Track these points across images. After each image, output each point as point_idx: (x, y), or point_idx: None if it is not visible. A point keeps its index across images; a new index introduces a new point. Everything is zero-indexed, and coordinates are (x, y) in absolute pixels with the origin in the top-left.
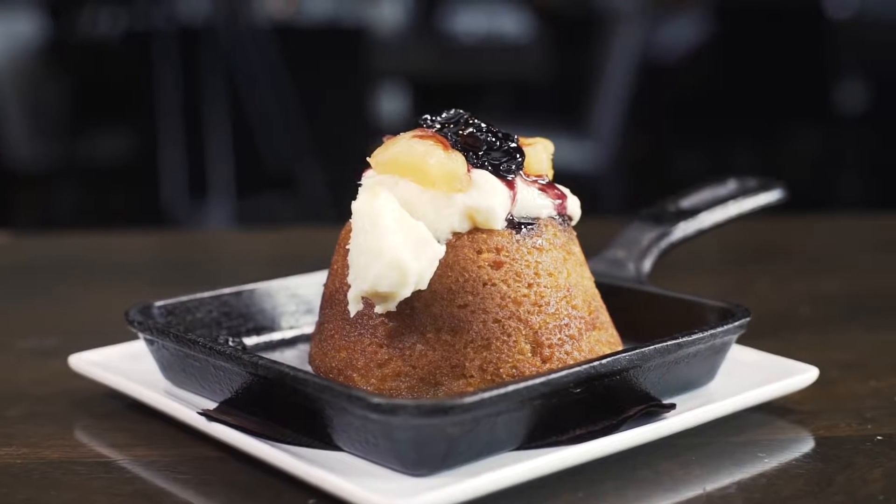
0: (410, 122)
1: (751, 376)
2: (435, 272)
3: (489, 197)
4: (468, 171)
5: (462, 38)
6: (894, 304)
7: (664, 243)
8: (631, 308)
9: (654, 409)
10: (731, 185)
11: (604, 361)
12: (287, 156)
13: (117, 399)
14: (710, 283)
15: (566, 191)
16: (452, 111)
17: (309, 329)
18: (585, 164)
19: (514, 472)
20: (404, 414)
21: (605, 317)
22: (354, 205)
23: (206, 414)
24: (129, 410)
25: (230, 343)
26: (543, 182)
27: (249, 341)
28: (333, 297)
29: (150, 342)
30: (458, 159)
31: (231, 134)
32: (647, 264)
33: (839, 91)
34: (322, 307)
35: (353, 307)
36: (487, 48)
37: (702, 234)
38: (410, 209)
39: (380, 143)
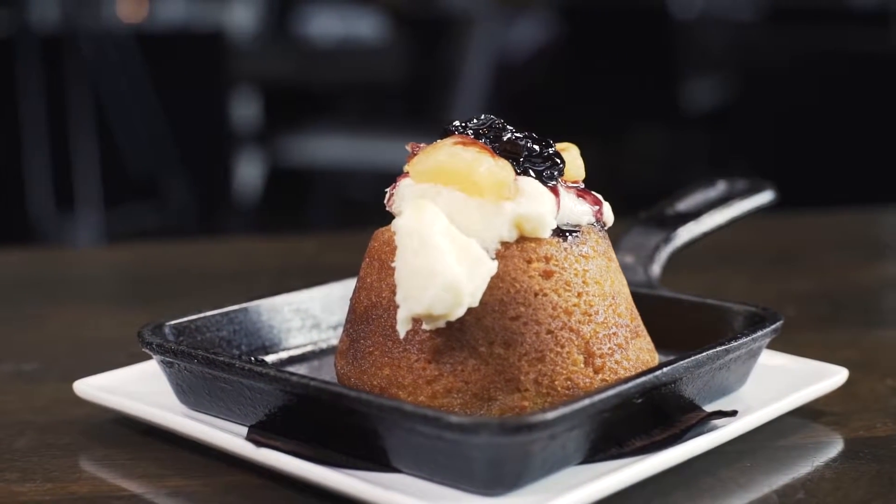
0: (441, 128)
1: (780, 379)
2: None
3: (539, 205)
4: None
5: (317, 41)
6: (873, 301)
7: (670, 247)
8: (652, 314)
9: (717, 416)
10: (720, 187)
11: (666, 370)
12: (151, 163)
13: (125, 425)
14: (691, 285)
15: (600, 196)
16: (483, 116)
17: (320, 345)
18: None
19: (596, 489)
20: (486, 433)
21: (641, 324)
22: (399, 221)
23: (255, 439)
24: (143, 437)
25: (253, 362)
26: (580, 188)
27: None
28: (369, 313)
29: (168, 364)
30: (506, 167)
31: (97, 143)
32: (657, 269)
33: (685, 90)
34: (352, 322)
35: (403, 328)
36: (343, 52)
37: (706, 236)
38: (456, 219)
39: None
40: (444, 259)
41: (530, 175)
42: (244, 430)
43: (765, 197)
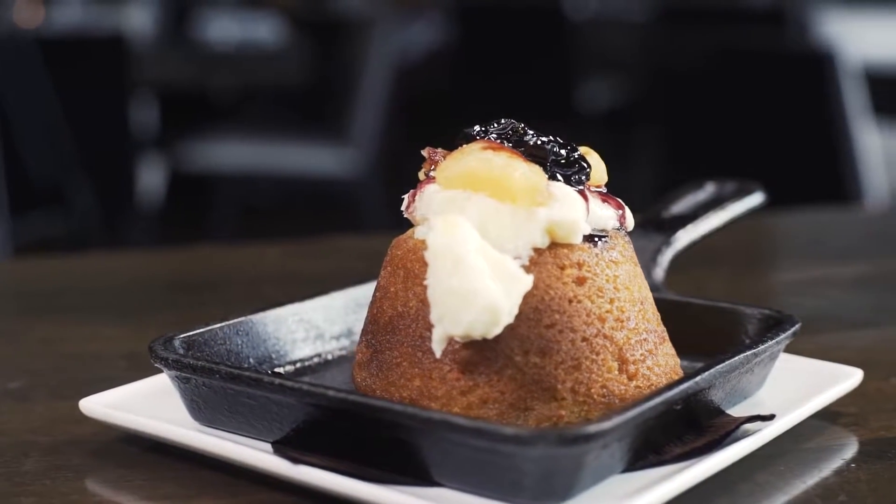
0: (459, 135)
1: (796, 381)
2: None
3: (571, 210)
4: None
5: (216, 46)
6: (852, 300)
7: (671, 250)
8: (662, 318)
9: (754, 420)
10: (709, 188)
11: (705, 375)
12: (55, 170)
13: (132, 444)
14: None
15: (621, 200)
16: (503, 120)
17: (326, 356)
18: (345, 171)
19: (653, 497)
20: (544, 444)
21: (665, 329)
22: (431, 239)
23: (292, 456)
24: (153, 455)
25: (270, 374)
26: (603, 192)
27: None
28: (395, 323)
29: (184, 380)
30: (539, 171)
31: (1, 150)
32: (660, 272)
33: (580, 90)
34: (374, 333)
35: (439, 347)
36: (242, 56)
37: (705, 238)
38: (488, 226)
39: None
40: (481, 279)
41: (558, 180)
42: (266, 447)
43: (756, 198)
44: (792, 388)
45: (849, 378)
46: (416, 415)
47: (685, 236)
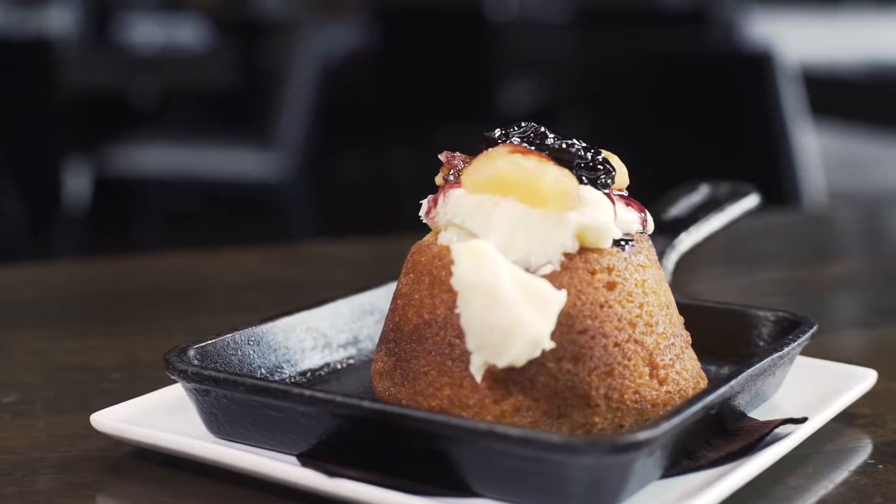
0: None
1: (811, 383)
2: None
3: (601, 214)
4: None
5: (139, 49)
6: (838, 299)
7: (675, 253)
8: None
9: (788, 423)
10: (704, 190)
11: (739, 379)
12: None
13: (145, 458)
14: None
15: (640, 204)
16: (524, 124)
17: (335, 365)
18: (271, 174)
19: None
20: (596, 452)
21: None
22: (459, 272)
23: (329, 470)
24: (171, 470)
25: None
26: (626, 195)
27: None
28: (421, 331)
29: (203, 392)
30: (569, 175)
31: None
32: (667, 276)
33: (502, 92)
34: (397, 341)
35: (479, 374)
36: (166, 59)
37: (706, 241)
38: (517, 231)
39: None
40: (520, 312)
41: (584, 183)
42: (292, 459)
43: (752, 200)
44: (807, 389)
45: (864, 379)
46: (462, 426)
47: (688, 239)
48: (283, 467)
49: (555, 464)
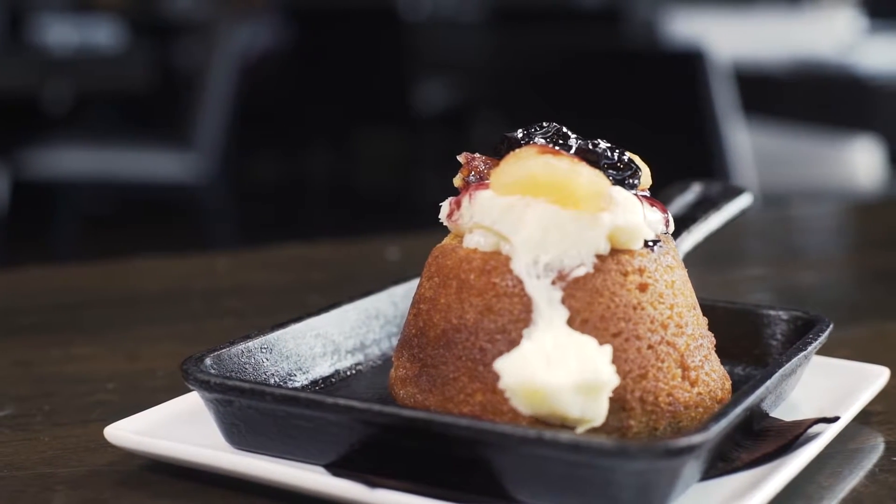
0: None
1: (827, 382)
2: (584, 300)
3: (633, 215)
4: None
5: (54, 50)
6: (831, 297)
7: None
8: None
9: (821, 422)
10: (696, 189)
11: (773, 379)
12: None
13: (160, 471)
14: None
15: (662, 204)
16: (545, 124)
17: (346, 372)
18: (189, 175)
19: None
20: (648, 457)
21: None
22: (508, 379)
23: (370, 480)
24: (188, 482)
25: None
26: (648, 196)
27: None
28: (449, 336)
29: (225, 403)
30: (601, 176)
31: None
32: None
33: (417, 91)
34: (422, 347)
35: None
36: (81, 60)
37: (705, 240)
38: (550, 233)
39: None
40: (572, 410)
41: (613, 184)
42: (320, 470)
43: (746, 199)
44: (822, 388)
45: (878, 377)
46: (510, 433)
47: (689, 238)
48: (319, 478)
49: (605, 469)
